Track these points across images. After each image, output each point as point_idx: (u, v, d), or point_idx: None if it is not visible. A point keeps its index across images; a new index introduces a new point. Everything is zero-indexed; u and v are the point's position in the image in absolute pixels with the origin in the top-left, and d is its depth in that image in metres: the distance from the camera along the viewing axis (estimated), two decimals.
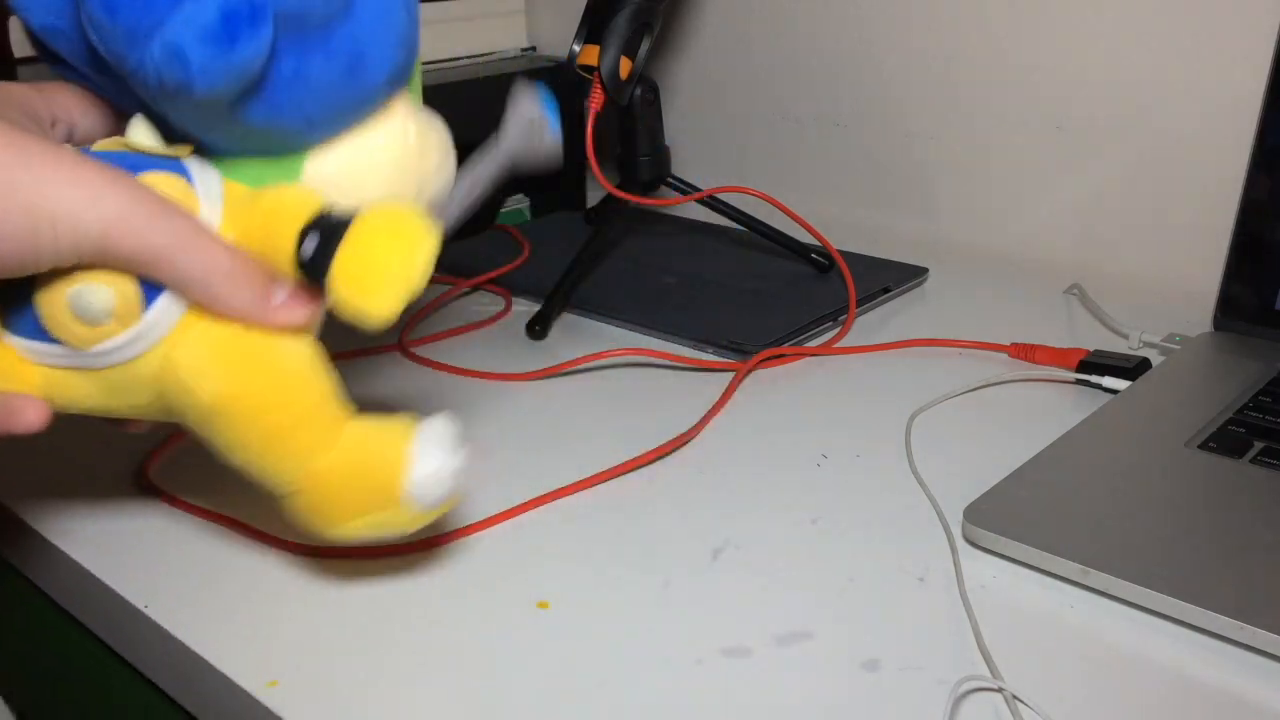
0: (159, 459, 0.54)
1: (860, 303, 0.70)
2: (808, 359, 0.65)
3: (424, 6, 0.97)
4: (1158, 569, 0.42)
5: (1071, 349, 0.62)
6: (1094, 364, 0.60)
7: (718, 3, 0.92)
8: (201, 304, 0.36)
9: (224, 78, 0.32)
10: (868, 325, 0.69)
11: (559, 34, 1.03)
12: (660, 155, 0.75)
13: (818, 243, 0.76)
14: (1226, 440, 0.51)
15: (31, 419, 0.37)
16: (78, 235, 0.33)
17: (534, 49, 1.05)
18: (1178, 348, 0.63)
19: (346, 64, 0.36)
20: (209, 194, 0.37)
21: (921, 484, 0.51)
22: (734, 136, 0.95)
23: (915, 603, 0.43)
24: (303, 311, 0.37)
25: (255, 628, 0.42)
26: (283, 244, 0.36)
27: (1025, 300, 0.73)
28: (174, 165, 0.37)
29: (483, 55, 1.02)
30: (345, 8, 0.35)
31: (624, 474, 0.52)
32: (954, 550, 0.46)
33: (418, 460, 0.37)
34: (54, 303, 0.36)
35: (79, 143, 0.40)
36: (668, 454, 0.54)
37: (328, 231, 0.35)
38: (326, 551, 0.46)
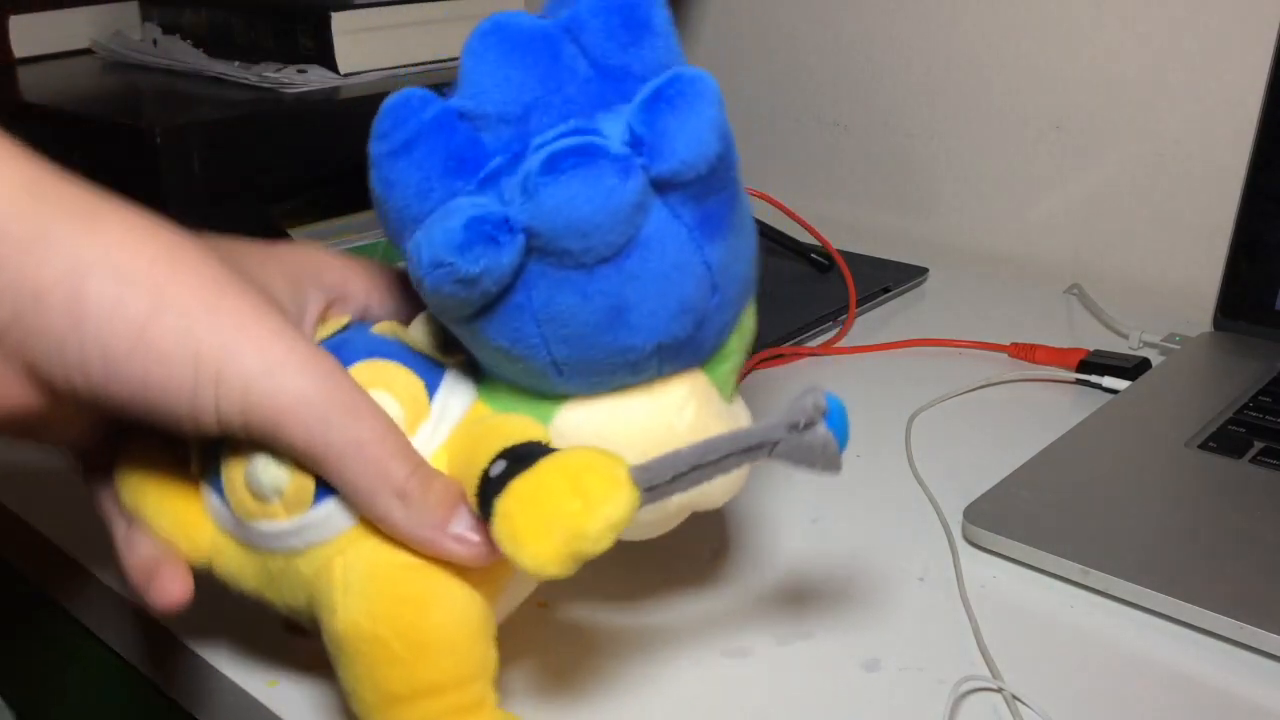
0: None
1: (860, 303, 0.70)
2: (808, 359, 0.65)
3: (424, 7, 0.97)
4: (1158, 569, 0.42)
5: (1071, 349, 0.62)
6: (1094, 364, 0.60)
7: (718, 4, 0.92)
8: (366, 516, 0.32)
9: (452, 286, 0.30)
10: (868, 325, 0.69)
11: None
12: None
13: (818, 243, 0.76)
14: (1226, 440, 0.51)
15: (173, 595, 0.33)
16: (246, 406, 0.29)
17: None
18: (1178, 348, 0.63)
19: (604, 315, 0.31)
20: (446, 411, 0.34)
21: (921, 484, 0.51)
22: (734, 136, 0.95)
23: (915, 603, 0.43)
24: (476, 548, 0.31)
25: (255, 628, 0.42)
26: (478, 463, 0.31)
27: (1025, 300, 0.73)
28: (428, 370, 0.34)
29: None
30: (614, 254, 0.30)
31: None
32: (954, 550, 0.46)
33: None
34: (234, 463, 0.33)
35: (367, 320, 0.38)
36: None
37: (516, 459, 0.30)
38: None
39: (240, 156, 0.82)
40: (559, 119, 0.31)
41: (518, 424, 0.32)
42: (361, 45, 0.94)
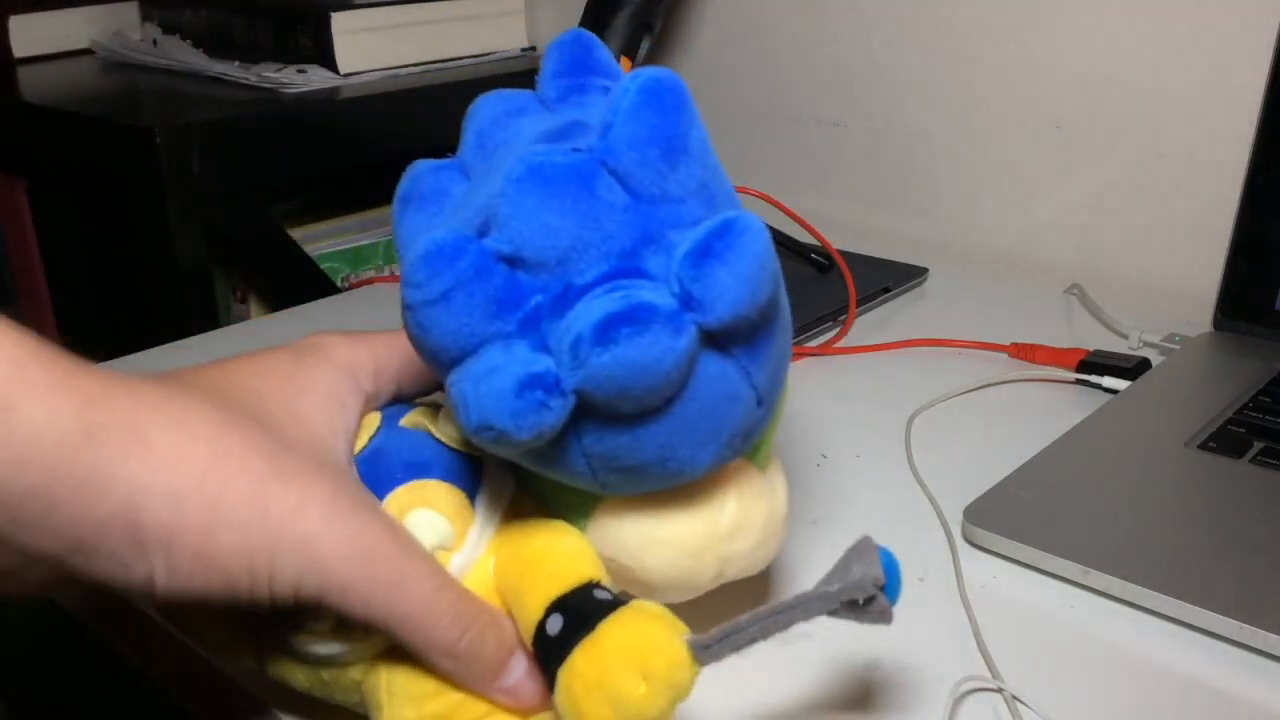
0: None
1: (860, 303, 0.70)
2: (808, 359, 0.65)
3: (424, 7, 0.97)
4: (1158, 569, 0.42)
5: (1071, 349, 0.62)
6: (1094, 364, 0.60)
7: (718, 3, 0.92)
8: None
9: (498, 443, 0.30)
10: (868, 325, 0.69)
11: (559, 34, 1.03)
12: None
13: (818, 243, 0.76)
14: (1226, 440, 0.51)
15: None
16: (297, 592, 0.30)
17: (534, 49, 1.05)
18: (1178, 348, 0.63)
19: (654, 453, 0.32)
20: (489, 513, 0.35)
21: (921, 484, 0.51)
22: (734, 136, 0.95)
23: (915, 603, 0.43)
24: (531, 697, 0.33)
25: None
26: (530, 607, 0.32)
27: (1025, 300, 0.73)
28: (464, 469, 0.35)
29: (483, 55, 1.02)
30: (662, 407, 0.31)
31: None
32: (954, 550, 0.46)
33: None
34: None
35: (401, 400, 0.38)
36: None
37: (574, 619, 0.31)
38: None
39: (240, 156, 0.82)
40: (599, 258, 0.30)
41: (567, 554, 0.33)
42: (361, 45, 0.94)
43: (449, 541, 0.34)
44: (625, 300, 0.29)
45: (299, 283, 0.88)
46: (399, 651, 0.33)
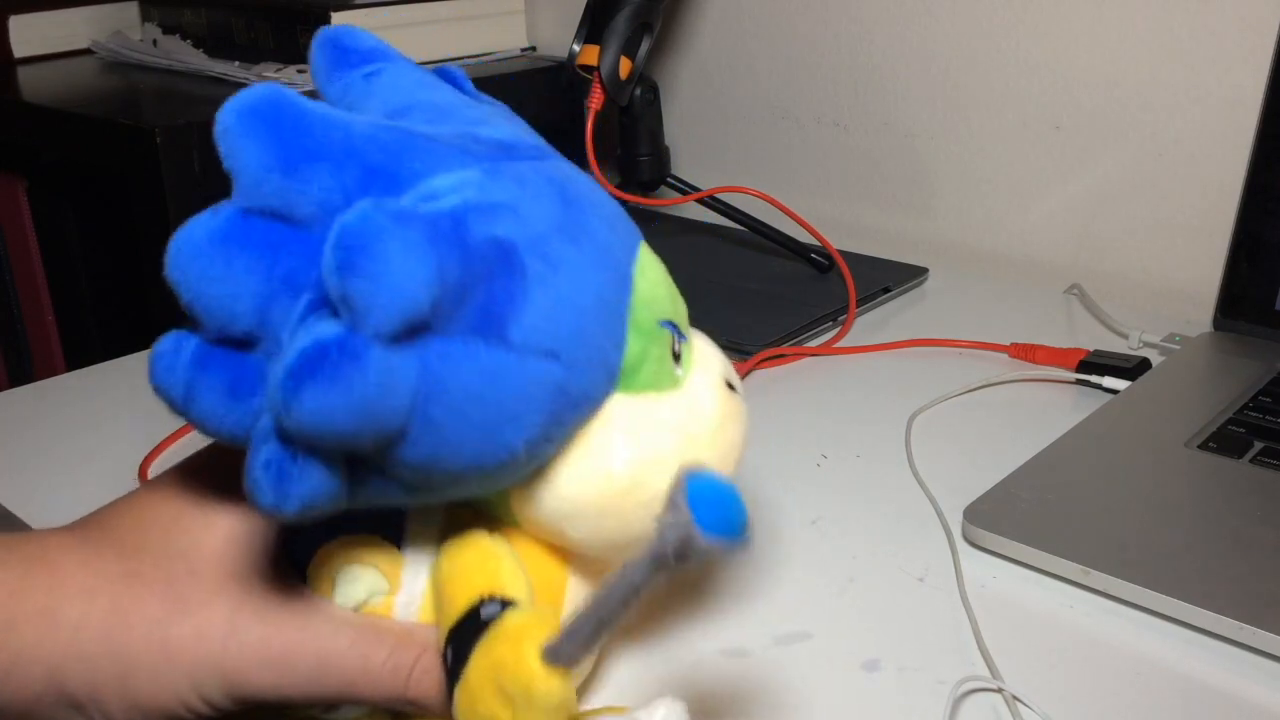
0: (158, 458, 0.54)
1: (860, 303, 0.70)
2: (808, 359, 0.65)
3: (424, 6, 0.97)
4: (1158, 569, 0.42)
5: (1071, 349, 0.62)
6: (1094, 364, 0.60)
7: (718, 3, 0.92)
8: None
9: (292, 521, 0.28)
10: (868, 325, 0.69)
11: (559, 34, 1.03)
12: (660, 155, 0.75)
13: (818, 243, 0.76)
14: (1226, 440, 0.51)
15: None
16: (236, 701, 0.32)
17: (534, 49, 1.05)
18: (1178, 348, 0.63)
19: (459, 465, 0.29)
20: (421, 542, 0.34)
21: (921, 484, 0.51)
22: (734, 136, 0.95)
23: (915, 603, 0.43)
24: None
25: None
26: (440, 634, 0.32)
27: (1025, 300, 0.73)
28: (385, 512, 0.33)
29: (483, 55, 1.02)
30: (406, 421, 0.27)
31: None
32: (954, 550, 0.46)
33: None
34: None
35: None
36: None
37: (458, 652, 0.31)
38: None
39: None
40: (292, 301, 0.28)
41: (463, 573, 0.33)
42: None
43: (379, 589, 0.34)
44: (295, 350, 0.26)
45: None
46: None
